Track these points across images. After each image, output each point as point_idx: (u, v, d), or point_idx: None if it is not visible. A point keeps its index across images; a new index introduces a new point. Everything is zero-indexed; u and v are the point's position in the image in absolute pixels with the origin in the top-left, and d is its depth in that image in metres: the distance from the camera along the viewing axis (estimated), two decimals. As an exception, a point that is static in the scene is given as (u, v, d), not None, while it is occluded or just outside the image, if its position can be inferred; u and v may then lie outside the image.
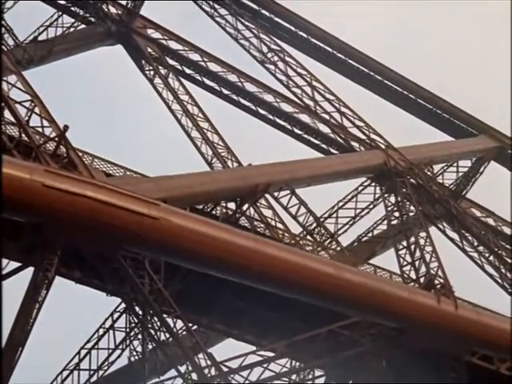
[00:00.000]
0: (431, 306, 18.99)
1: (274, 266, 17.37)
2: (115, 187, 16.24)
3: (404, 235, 22.13)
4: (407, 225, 22.18)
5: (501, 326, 19.67)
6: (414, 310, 18.76)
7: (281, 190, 21.00)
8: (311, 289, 17.86)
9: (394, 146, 25.31)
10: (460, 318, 19.18)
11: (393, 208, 23.52)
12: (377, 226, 28.59)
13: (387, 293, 18.54)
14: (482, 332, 19.35)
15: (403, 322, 18.78)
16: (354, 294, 18.16)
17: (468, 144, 29.57)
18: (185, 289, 21.21)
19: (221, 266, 17.09)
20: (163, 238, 16.37)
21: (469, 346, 19.49)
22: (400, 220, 22.66)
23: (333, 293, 17.98)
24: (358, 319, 19.48)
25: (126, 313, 21.18)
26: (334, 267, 18.14)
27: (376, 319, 18.92)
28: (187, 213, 16.78)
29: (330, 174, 22.29)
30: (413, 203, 23.06)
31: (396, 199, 23.22)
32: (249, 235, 17.56)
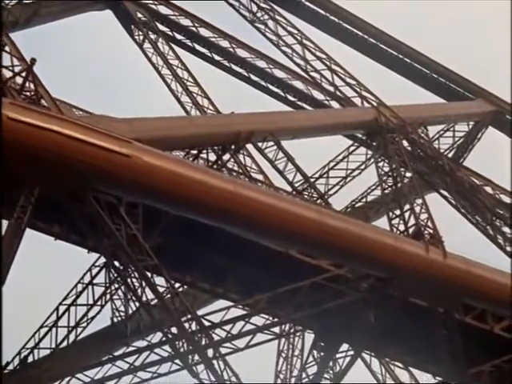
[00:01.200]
0: (419, 254, 18.23)
1: (254, 210, 16.65)
2: (84, 123, 15.55)
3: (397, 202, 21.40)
4: (401, 190, 21.39)
5: (490, 276, 18.92)
6: (401, 258, 18.00)
7: (265, 141, 20.27)
8: (293, 234, 17.14)
9: (386, 104, 24.59)
10: (449, 268, 18.44)
11: (384, 168, 22.77)
12: (371, 192, 27.89)
13: (373, 240, 17.80)
14: (472, 282, 18.62)
15: (390, 271, 18.05)
16: (338, 240, 17.42)
17: (464, 107, 28.84)
18: (166, 244, 20.51)
19: (196, 208, 16.39)
20: (135, 177, 15.68)
21: (458, 297, 18.72)
22: (392, 182, 21.88)
23: (316, 239, 17.25)
24: (342, 271, 18.78)
25: (105, 267, 20.48)
26: (318, 212, 17.42)
27: (361, 268, 18.22)
28: (161, 152, 16.06)
29: (317, 127, 21.58)
30: (405, 161, 22.26)
31: (387, 157, 22.45)
32: (227, 177, 16.84)
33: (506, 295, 18.74)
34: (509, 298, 18.77)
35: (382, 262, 17.87)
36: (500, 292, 18.76)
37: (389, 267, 17.96)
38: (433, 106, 27.33)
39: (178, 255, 21.03)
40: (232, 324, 19.55)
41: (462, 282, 18.48)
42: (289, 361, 23.94)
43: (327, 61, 25.47)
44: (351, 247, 17.54)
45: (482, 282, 18.67)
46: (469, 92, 30.27)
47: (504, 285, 18.84)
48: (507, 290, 18.78)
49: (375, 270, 18.14)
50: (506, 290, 18.79)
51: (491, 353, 21.67)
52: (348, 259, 17.91)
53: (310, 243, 17.38)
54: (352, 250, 17.59)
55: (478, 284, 18.63)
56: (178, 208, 16.43)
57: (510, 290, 18.83)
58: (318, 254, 18.02)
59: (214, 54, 29.40)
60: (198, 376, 19.26)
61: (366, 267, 18.14)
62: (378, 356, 23.44)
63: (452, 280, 18.40)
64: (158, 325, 18.83)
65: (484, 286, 18.66)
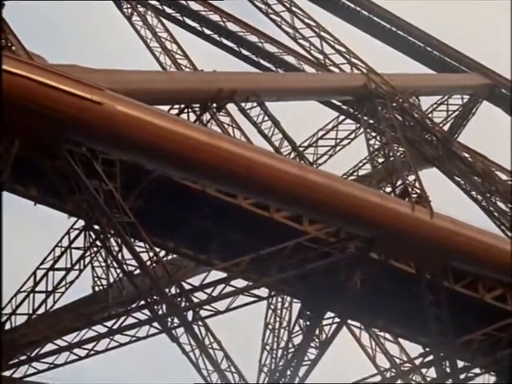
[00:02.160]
0: (405, 213, 17.67)
1: (232, 162, 16.09)
2: (55, 69, 15.01)
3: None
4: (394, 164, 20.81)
5: (478, 237, 18.34)
6: (386, 216, 17.44)
7: (248, 101, 19.71)
8: (273, 189, 16.56)
9: (376, 71, 24.03)
10: (436, 227, 17.87)
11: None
12: (362, 166, 27.31)
13: (357, 197, 17.23)
14: (459, 243, 18.02)
15: (374, 229, 17.48)
16: (321, 196, 16.85)
17: (458, 78, 28.24)
18: (147, 209, 19.98)
19: (171, 160, 15.85)
20: (107, 126, 15.15)
21: (445, 258, 18.13)
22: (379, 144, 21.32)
23: (298, 194, 16.69)
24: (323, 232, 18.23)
25: (84, 230, 19.89)
26: (299, 167, 16.89)
27: (345, 226, 17.67)
28: (135, 101, 15.50)
29: (303, 89, 21.04)
30: (394, 125, 21.68)
31: (376, 121, 21.88)
32: (204, 128, 16.27)
33: (494, 256, 18.19)
34: (497, 259, 18.18)
35: (366, 220, 17.31)
36: (488, 253, 18.20)
37: (373, 226, 17.40)
38: (425, 75, 26.78)
39: (160, 220, 20.48)
40: (213, 287, 19.04)
41: (449, 242, 17.91)
42: (276, 333, 23.36)
43: (316, 28, 24.90)
44: (334, 204, 16.98)
45: (470, 243, 18.10)
46: (464, 66, 29.64)
47: (492, 246, 18.29)
48: (495, 251, 18.21)
49: (359, 228, 17.58)
50: (493, 251, 18.23)
51: (482, 322, 21.12)
52: (331, 217, 17.34)
53: (292, 199, 16.81)
54: (335, 206, 17.02)
55: (466, 245, 18.05)
56: (153, 160, 15.93)
57: (498, 251, 18.22)
58: (301, 211, 17.46)
59: (204, 28, 28.81)
60: (177, 340, 18.73)
61: (350, 225, 17.58)
62: (366, 326, 22.84)
63: (439, 240, 17.83)
64: (139, 291, 18.25)
65: (472, 246, 18.09)
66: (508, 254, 18.36)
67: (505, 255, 18.29)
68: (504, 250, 18.40)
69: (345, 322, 21.04)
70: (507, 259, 18.32)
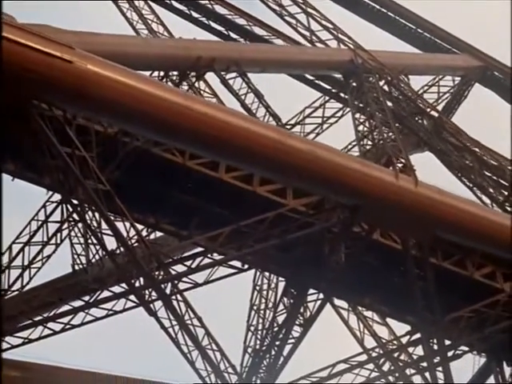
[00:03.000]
0: (388, 181, 17.15)
1: (207, 125, 15.57)
2: (25, 27, 14.53)
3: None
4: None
5: (464, 207, 17.83)
6: (369, 184, 16.91)
7: (229, 71, 19.21)
8: (251, 154, 16.05)
9: (363, 48, 23.55)
10: (420, 196, 17.35)
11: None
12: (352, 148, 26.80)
13: (338, 164, 16.71)
14: (445, 212, 17.49)
15: (356, 197, 16.96)
16: (300, 162, 16.33)
17: (449, 59, 27.73)
18: (126, 182, 19.50)
19: (145, 122, 15.33)
20: (77, 84, 14.65)
21: (431, 228, 17.60)
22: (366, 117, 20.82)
23: (276, 160, 16.17)
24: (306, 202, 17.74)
25: (61, 203, 19.39)
26: (277, 132, 16.37)
27: (327, 194, 17.15)
28: (107, 61, 15.00)
29: (288, 61, 20.52)
30: (380, 99, 21.15)
31: (362, 94, 21.38)
32: (177, 90, 15.75)
33: (480, 226, 17.64)
34: (483, 229, 17.65)
35: (348, 187, 16.79)
36: (474, 223, 17.69)
37: (355, 193, 16.87)
38: (414, 54, 26.30)
39: (140, 195, 19.99)
40: (192, 260, 18.55)
41: (435, 211, 17.39)
42: (261, 314, 22.80)
43: (303, 4, 24.44)
44: (315, 170, 16.48)
45: (456, 213, 17.57)
46: (455, 48, 29.18)
47: (478, 216, 17.77)
48: (481, 221, 17.68)
49: (341, 196, 17.07)
50: (480, 221, 17.70)
51: (470, 299, 20.60)
52: (311, 184, 16.83)
53: (271, 165, 16.30)
54: (315, 173, 16.52)
55: (452, 214, 17.53)
56: (125, 122, 15.43)
57: (484, 221, 17.70)
58: (281, 177, 16.96)
59: (192, 12, 28.32)
60: (155, 314, 18.20)
61: (332, 193, 17.07)
62: (352, 305, 22.29)
63: (423, 209, 17.31)
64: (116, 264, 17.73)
65: (457, 216, 17.56)
66: (495, 224, 17.83)
67: (491, 225, 17.79)
68: (490, 220, 17.89)
69: (329, 298, 20.52)
70: (494, 229, 17.80)
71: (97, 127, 18.78)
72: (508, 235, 17.88)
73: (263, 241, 17.96)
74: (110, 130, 18.91)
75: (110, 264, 19.67)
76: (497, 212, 18.63)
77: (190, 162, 19.70)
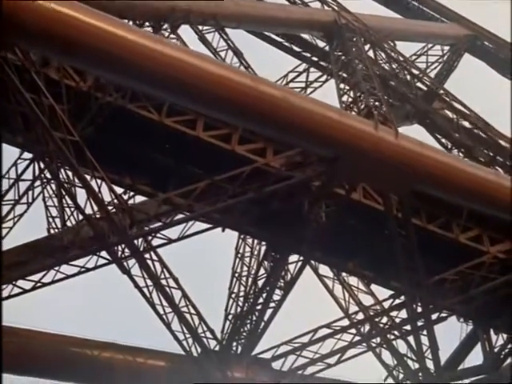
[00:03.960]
0: (366, 131, 16.58)
1: (179, 70, 15.01)
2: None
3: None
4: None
5: (446, 160, 17.27)
6: (347, 134, 16.35)
7: (205, 24, 18.64)
8: (224, 100, 15.48)
9: (348, 10, 22.97)
10: (400, 148, 16.78)
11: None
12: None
13: (315, 112, 16.13)
14: (426, 166, 16.90)
15: (334, 148, 16.40)
16: (275, 110, 15.77)
17: (437, 27, 27.15)
18: (101, 141, 18.94)
19: (115, 66, 14.77)
20: (40, 23, 14.07)
21: (411, 181, 17.02)
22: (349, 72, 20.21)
23: (250, 107, 15.61)
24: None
25: (33, 160, 18.79)
26: (251, 78, 15.81)
27: (303, 144, 16.58)
28: (73, 0, 14.44)
29: (267, 18, 19.90)
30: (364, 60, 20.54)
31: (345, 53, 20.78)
32: (147, 33, 15.18)
33: (462, 181, 17.06)
34: (464, 184, 17.07)
35: (325, 137, 16.23)
36: (456, 177, 17.09)
37: (333, 144, 16.32)
38: (401, 20, 25.69)
39: (115, 155, 19.44)
40: (166, 217, 18.04)
41: (416, 164, 16.82)
42: (243, 281, 22.24)
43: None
44: (290, 119, 15.91)
45: (437, 166, 16.99)
46: (443, 17, 28.60)
47: (459, 169, 17.17)
48: (463, 175, 17.10)
49: (318, 146, 16.51)
50: (462, 175, 17.11)
51: (455, 263, 20.05)
52: (287, 133, 16.25)
53: (245, 112, 15.72)
54: (292, 121, 15.95)
55: (433, 167, 16.95)
56: (89, 64, 14.84)
57: (466, 176, 17.13)
58: (255, 126, 16.39)
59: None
60: (128, 272, 17.67)
61: (308, 143, 16.50)
62: (336, 270, 21.72)
63: (404, 161, 16.74)
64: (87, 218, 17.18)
65: (439, 170, 16.97)
66: (477, 178, 17.25)
67: (473, 180, 17.19)
68: (472, 175, 17.30)
69: (309, 260, 19.97)
70: (475, 184, 17.21)
71: (68, 82, 18.30)
72: (492, 190, 17.31)
73: (240, 196, 17.38)
74: (82, 85, 18.44)
75: (86, 227, 19.16)
76: (480, 167, 17.97)
77: (167, 120, 19.18)
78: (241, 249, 22.64)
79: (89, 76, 18.41)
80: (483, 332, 21.57)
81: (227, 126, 19.30)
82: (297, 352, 20.16)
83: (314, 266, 22.73)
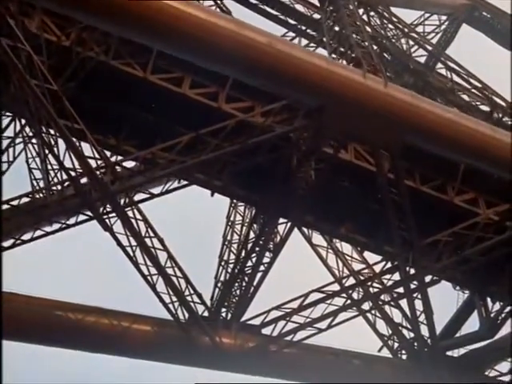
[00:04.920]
0: (355, 79, 16.03)
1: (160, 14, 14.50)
2: None
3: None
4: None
5: (437, 111, 16.70)
6: (334, 82, 15.81)
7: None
8: (206, 45, 14.96)
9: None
10: (390, 97, 16.22)
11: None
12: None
13: (300, 58, 15.60)
14: (418, 116, 16.34)
15: (321, 96, 15.84)
16: (260, 55, 15.25)
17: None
18: (85, 100, 18.46)
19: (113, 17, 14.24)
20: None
21: (401, 133, 16.45)
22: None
23: (234, 52, 15.08)
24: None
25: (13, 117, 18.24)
26: (235, 23, 15.28)
27: (288, 91, 16.04)
28: None
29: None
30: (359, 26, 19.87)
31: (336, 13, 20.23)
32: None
33: (454, 132, 16.48)
34: (458, 136, 16.49)
35: (312, 85, 15.69)
36: (449, 130, 16.51)
37: (319, 92, 15.77)
38: (397, -15, 25.04)
39: (99, 114, 18.94)
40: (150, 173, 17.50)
41: (405, 114, 16.26)
42: (233, 247, 21.68)
43: None
44: (276, 65, 15.37)
45: (428, 117, 16.42)
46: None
47: (451, 121, 16.60)
48: (455, 126, 16.52)
49: (304, 94, 15.98)
50: (453, 126, 16.53)
51: (449, 225, 19.46)
52: (273, 80, 15.71)
53: (229, 58, 15.19)
54: (277, 68, 15.42)
55: (424, 118, 16.38)
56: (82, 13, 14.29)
57: (459, 128, 16.56)
58: (239, 73, 15.91)
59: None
60: (111, 229, 17.13)
61: (294, 91, 15.95)
62: (329, 236, 21.17)
63: (393, 111, 16.19)
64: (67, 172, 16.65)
65: (432, 122, 16.41)
66: (470, 130, 16.68)
67: (466, 132, 16.61)
68: (465, 126, 16.71)
69: (297, 223, 19.44)
70: (468, 137, 16.64)
71: (49, 36, 17.81)
72: (485, 143, 16.75)
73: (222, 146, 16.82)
74: (63, 39, 17.96)
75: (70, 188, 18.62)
76: (473, 119, 17.37)
77: (152, 77, 18.69)
78: (232, 216, 22.13)
79: (72, 32, 17.99)
80: (480, 299, 20.96)
81: (214, 85, 18.86)
82: (287, 318, 19.60)
83: (308, 236, 22.27)
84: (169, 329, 19.29)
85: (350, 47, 17.49)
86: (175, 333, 19.25)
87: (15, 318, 17.97)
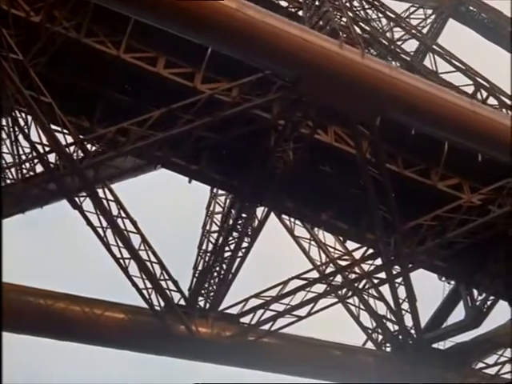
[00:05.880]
0: (331, 49, 15.49)
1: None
2: None
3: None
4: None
5: (419, 85, 16.16)
6: (310, 51, 15.25)
7: None
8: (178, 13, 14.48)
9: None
10: (368, 68, 15.67)
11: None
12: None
13: (276, 27, 15.06)
14: (394, 88, 15.78)
15: (296, 66, 15.32)
16: (231, 23, 14.75)
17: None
18: (56, 79, 17.94)
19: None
20: None
21: (380, 106, 15.91)
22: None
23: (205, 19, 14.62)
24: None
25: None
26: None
27: (263, 62, 15.53)
28: None
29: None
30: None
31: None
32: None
33: (431, 105, 15.92)
34: (436, 109, 15.94)
35: (286, 53, 15.15)
36: (424, 101, 15.94)
37: (294, 61, 15.24)
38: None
39: (72, 95, 18.40)
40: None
41: (383, 86, 15.71)
42: (212, 237, 21.05)
43: None
44: (247, 32, 14.87)
45: (407, 89, 15.87)
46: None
47: (430, 93, 16.04)
48: (433, 99, 15.97)
49: (278, 63, 15.44)
50: (431, 99, 15.97)
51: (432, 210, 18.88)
52: (245, 49, 15.19)
53: (199, 25, 14.72)
54: (248, 36, 14.91)
55: (401, 90, 15.83)
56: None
57: (440, 101, 16.02)
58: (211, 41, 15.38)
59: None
60: (80, 207, 16.54)
61: (267, 61, 15.43)
62: (310, 224, 20.60)
63: (370, 83, 15.63)
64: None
65: (408, 94, 15.85)
66: (450, 104, 16.13)
67: (445, 106, 16.06)
68: (445, 100, 16.16)
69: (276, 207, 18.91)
70: (447, 111, 16.09)
71: (17, 12, 17.32)
72: (466, 118, 16.21)
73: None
74: (32, 14, 17.46)
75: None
76: (454, 93, 16.83)
77: (126, 55, 18.19)
78: (211, 207, 21.55)
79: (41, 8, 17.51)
80: (465, 289, 20.35)
81: (190, 65, 18.39)
82: (266, 306, 18.99)
83: (291, 228, 21.75)
84: (143, 317, 18.68)
85: (328, 21, 16.98)
86: (150, 321, 18.65)
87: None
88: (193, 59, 18.16)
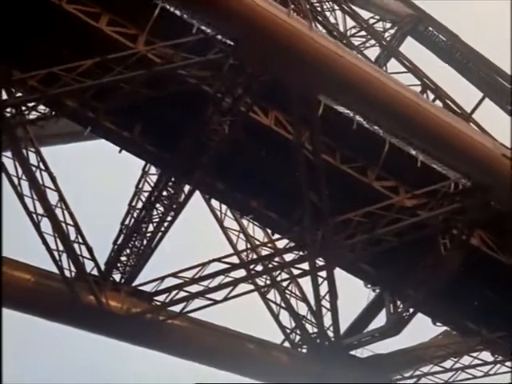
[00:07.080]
0: (277, 14, 14.62)
1: None
2: None
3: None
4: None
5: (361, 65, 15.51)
6: (254, 12, 14.37)
7: None
8: None
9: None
10: (313, 41, 14.88)
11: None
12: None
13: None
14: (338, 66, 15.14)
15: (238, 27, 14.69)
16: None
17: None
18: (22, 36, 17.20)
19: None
20: None
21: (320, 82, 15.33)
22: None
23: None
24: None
25: None
26: None
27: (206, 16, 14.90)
28: None
29: None
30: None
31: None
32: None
33: (375, 90, 15.37)
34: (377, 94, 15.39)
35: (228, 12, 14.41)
36: (369, 85, 15.36)
37: (237, 21, 14.53)
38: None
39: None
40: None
41: (328, 62, 15.07)
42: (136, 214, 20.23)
43: None
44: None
45: (352, 70, 15.28)
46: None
47: (375, 78, 15.48)
48: (378, 84, 15.44)
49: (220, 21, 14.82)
50: (376, 83, 15.42)
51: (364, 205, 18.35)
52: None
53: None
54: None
55: (347, 69, 15.23)
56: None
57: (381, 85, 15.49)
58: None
59: None
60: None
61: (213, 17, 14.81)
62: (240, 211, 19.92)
63: (316, 57, 14.93)
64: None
65: (353, 75, 15.27)
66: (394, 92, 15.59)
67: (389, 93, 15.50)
68: (389, 87, 15.60)
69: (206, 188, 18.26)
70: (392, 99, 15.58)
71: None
72: (409, 108, 15.72)
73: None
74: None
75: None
76: (400, 82, 16.28)
77: (68, 6, 17.39)
78: (140, 184, 20.77)
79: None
80: (389, 296, 19.79)
81: (135, 27, 17.70)
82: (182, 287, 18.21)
83: (220, 219, 21.08)
84: (52, 281, 17.79)
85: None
86: (58, 287, 17.76)
87: None
88: (137, 21, 17.50)
